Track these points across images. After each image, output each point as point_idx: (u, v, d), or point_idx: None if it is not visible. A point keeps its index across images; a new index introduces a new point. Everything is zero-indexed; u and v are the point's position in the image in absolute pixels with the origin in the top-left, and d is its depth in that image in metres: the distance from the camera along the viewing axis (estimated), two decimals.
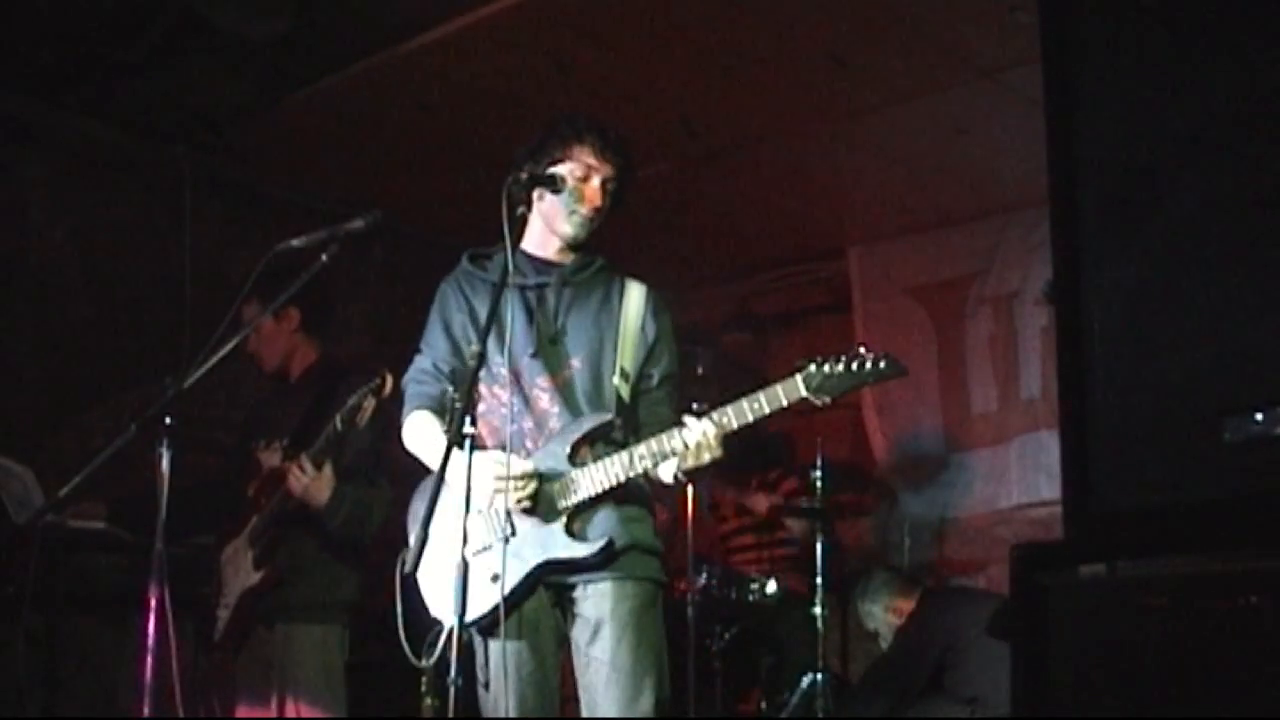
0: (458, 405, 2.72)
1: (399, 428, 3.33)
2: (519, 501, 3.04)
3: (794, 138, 5.35)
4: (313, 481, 3.68)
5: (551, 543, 3.06)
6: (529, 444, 3.14)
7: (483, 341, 2.82)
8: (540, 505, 3.07)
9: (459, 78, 4.84)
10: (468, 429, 2.71)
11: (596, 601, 3.06)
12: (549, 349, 3.19)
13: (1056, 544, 1.84)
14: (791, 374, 2.93)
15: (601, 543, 3.03)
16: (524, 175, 3.10)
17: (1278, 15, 1.69)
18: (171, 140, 5.40)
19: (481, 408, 3.18)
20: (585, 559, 3.04)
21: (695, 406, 5.15)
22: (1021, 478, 5.95)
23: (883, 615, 5.14)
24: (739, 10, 4.34)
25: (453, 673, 2.61)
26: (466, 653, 2.97)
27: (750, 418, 2.95)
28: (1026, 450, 5.93)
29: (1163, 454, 1.72)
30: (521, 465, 3.05)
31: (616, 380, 3.19)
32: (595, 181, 3.24)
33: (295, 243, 3.23)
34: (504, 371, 3.16)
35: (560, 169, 3.21)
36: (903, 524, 6.39)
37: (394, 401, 3.45)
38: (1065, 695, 1.76)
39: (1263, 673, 1.57)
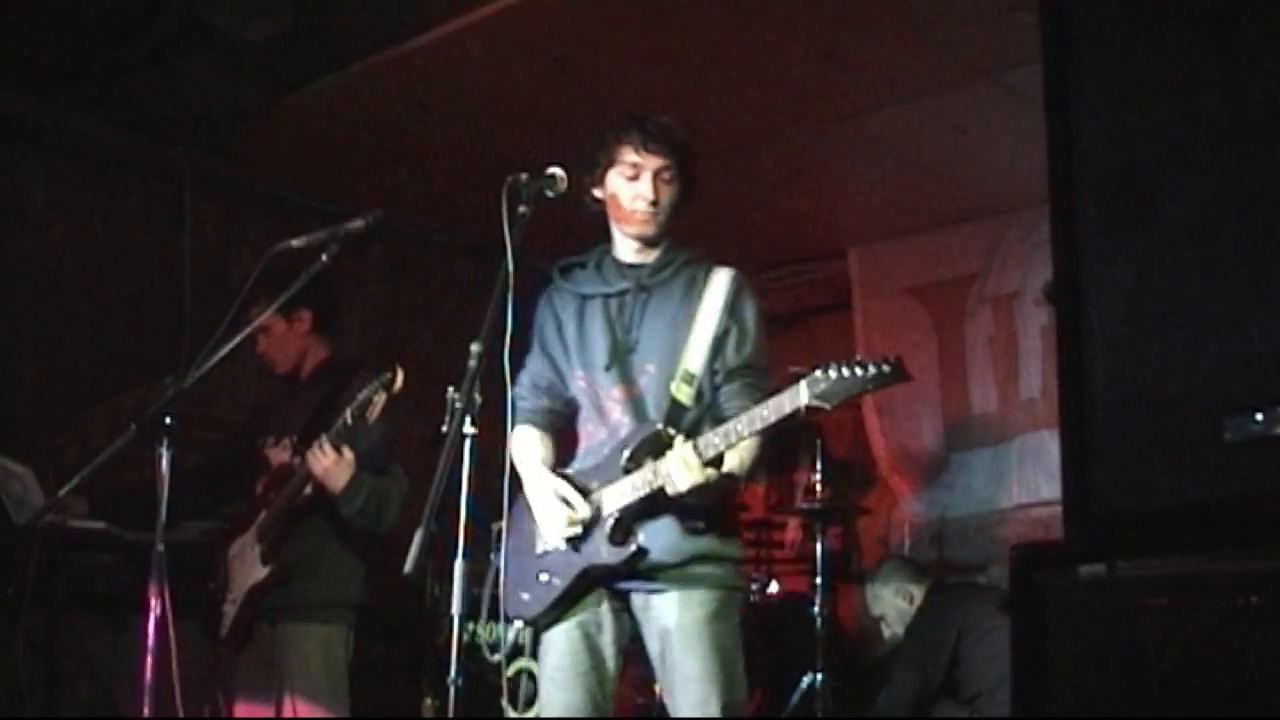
0: (458, 405, 2.73)
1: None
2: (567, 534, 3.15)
3: (794, 138, 5.35)
4: (333, 463, 3.67)
5: (594, 550, 3.13)
6: (606, 452, 3.21)
7: (483, 341, 2.82)
8: (593, 515, 3.15)
9: (459, 78, 4.84)
10: (468, 429, 2.71)
11: (664, 611, 3.11)
12: (623, 360, 3.23)
13: (1056, 544, 1.84)
14: (794, 381, 2.91)
15: (632, 549, 3.07)
16: (524, 175, 3.10)
17: (1277, 16, 1.69)
18: (171, 140, 5.40)
19: (580, 415, 3.31)
20: (619, 565, 3.09)
21: None
22: (1021, 478, 5.95)
23: (891, 598, 5.14)
24: (739, 10, 4.34)
25: (453, 673, 2.61)
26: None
27: (758, 426, 2.93)
28: (1026, 450, 5.93)
29: (1163, 454, 1.72)
30: (581, 506, 3.13)
31: (675, 385, 3.17)
32: (645, 178, 3.25)
33: (295, 243, 3.24)
34: (581, 381, 3.24)
35: (611, 174, 3.26)
36: (903, 524, 6.39)
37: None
38: (1065, 695, 1.76)
39: (1263, 673, 1.57)
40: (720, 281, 3.28)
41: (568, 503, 3.14)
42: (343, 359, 4.19)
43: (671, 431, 3.10)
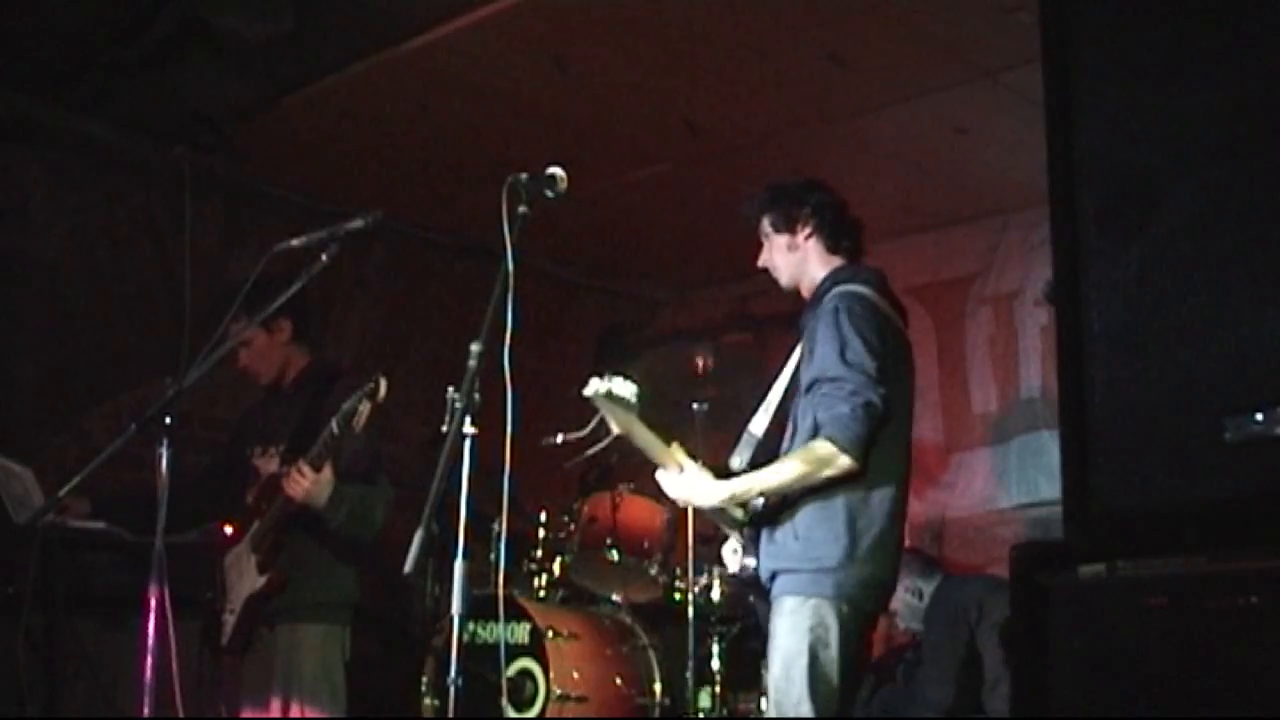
0: (458, 405, 2.73)
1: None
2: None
3: (794, 138, 5.35)
4: (313, 484, 3.68)
5: None
6: None
7: (483, 341, 2.82)
8: None
9: (459, 78, 4.84)
10: (468, 429, 2.72)
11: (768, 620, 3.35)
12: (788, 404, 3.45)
13: (1056, 544, 1.84)
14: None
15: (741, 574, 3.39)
16: (524, 176, 3.10)
17: (1277, 15, 1.69)
18: (171, 140, 5.40)
19: None
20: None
21: (696, 406, 5.17)
22: (1021, 478, 5.95)
23: (902, 594, 5.17)
24: (739, 10, 4.34)
25: (453, 673, 2.61)
26: None
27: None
28: (1026, 450, 5.94)
29: (1163, 454, 1.72)
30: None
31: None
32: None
33: (295, 243, 3.24)
34: None
35: None
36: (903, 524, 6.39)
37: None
38: (1065, 695, 1.76)
39: (1263, 673, 1.57)
40: (828, 303, 3.40)
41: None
42: (324, 365, 4.19)
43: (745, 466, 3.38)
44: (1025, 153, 4.46)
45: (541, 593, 5.15)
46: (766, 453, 3.38)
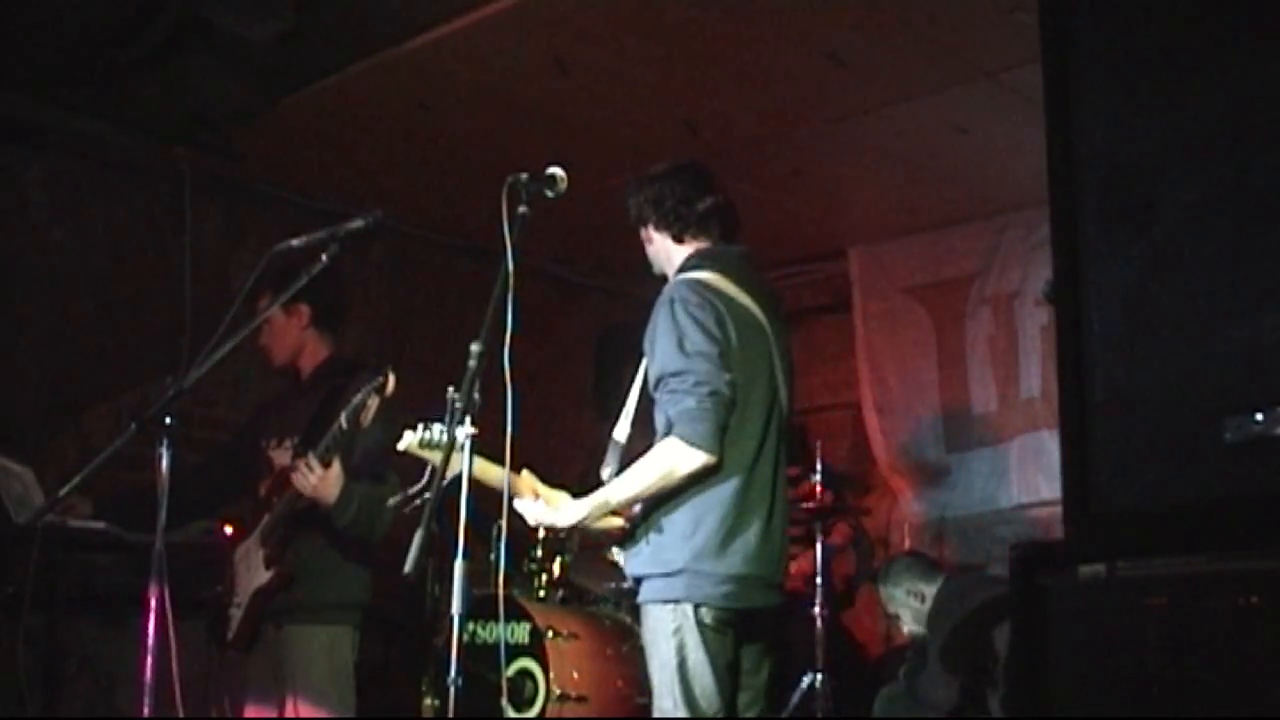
0: (458, 405, 2.73)
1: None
2: None
3: (794, 138, 5.35)
4: (320, 480, 3.67)
5: None
6: None
7: (483, 341, 2.83)
8: None
9: (459, 78, 4.85)
10: (468, 429, 2.72)
11: None
12: None
13: (1056, 544, 1.84)
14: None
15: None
16: (524, 176, 3.10)
17: (1276, 16, 1.69)
18: (171, 140, 5.41)
19: None
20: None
21: None
22: (1021, 478, 5.95)
23: (904, 598, 5.17)
24: (739, 10, 4.34)
25: (453, 673, 2.61)
26: None
27: None
28: (1026, 450, 5.94)
29: (1163, 454, 1.72)
30: None
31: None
32: None
33: (295, 243, 3.24)
34: None
35: None
36: (903, 524, 6.39)
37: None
38: (1065, 695, 1.76)
39: (1263, 673, 1.57)
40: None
41: None
42: (342, 359, 4.18)
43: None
44: (1025, 153, 4.47)
45: (541, 593, 5.15)
46: (632, 459, 3.24)
